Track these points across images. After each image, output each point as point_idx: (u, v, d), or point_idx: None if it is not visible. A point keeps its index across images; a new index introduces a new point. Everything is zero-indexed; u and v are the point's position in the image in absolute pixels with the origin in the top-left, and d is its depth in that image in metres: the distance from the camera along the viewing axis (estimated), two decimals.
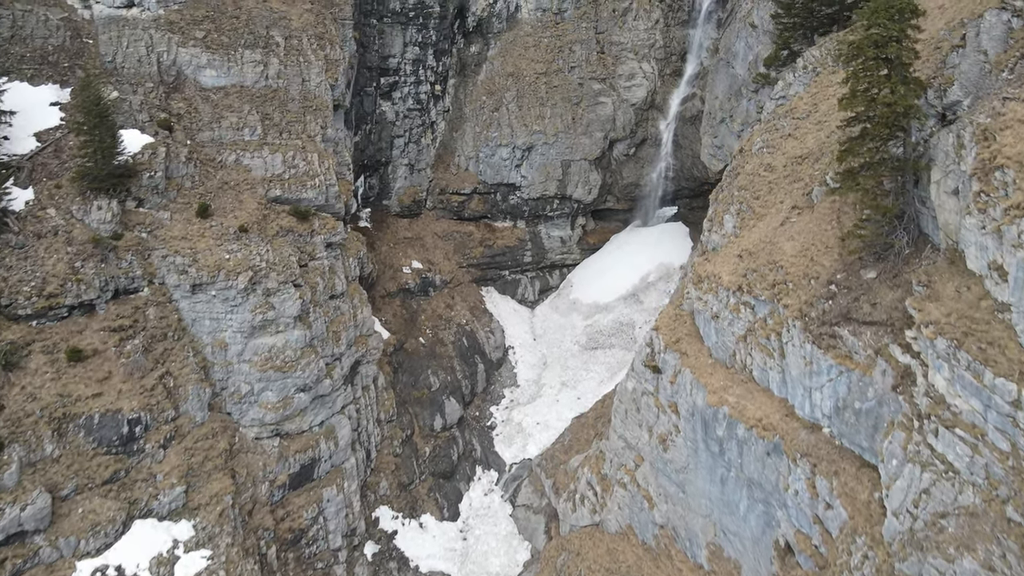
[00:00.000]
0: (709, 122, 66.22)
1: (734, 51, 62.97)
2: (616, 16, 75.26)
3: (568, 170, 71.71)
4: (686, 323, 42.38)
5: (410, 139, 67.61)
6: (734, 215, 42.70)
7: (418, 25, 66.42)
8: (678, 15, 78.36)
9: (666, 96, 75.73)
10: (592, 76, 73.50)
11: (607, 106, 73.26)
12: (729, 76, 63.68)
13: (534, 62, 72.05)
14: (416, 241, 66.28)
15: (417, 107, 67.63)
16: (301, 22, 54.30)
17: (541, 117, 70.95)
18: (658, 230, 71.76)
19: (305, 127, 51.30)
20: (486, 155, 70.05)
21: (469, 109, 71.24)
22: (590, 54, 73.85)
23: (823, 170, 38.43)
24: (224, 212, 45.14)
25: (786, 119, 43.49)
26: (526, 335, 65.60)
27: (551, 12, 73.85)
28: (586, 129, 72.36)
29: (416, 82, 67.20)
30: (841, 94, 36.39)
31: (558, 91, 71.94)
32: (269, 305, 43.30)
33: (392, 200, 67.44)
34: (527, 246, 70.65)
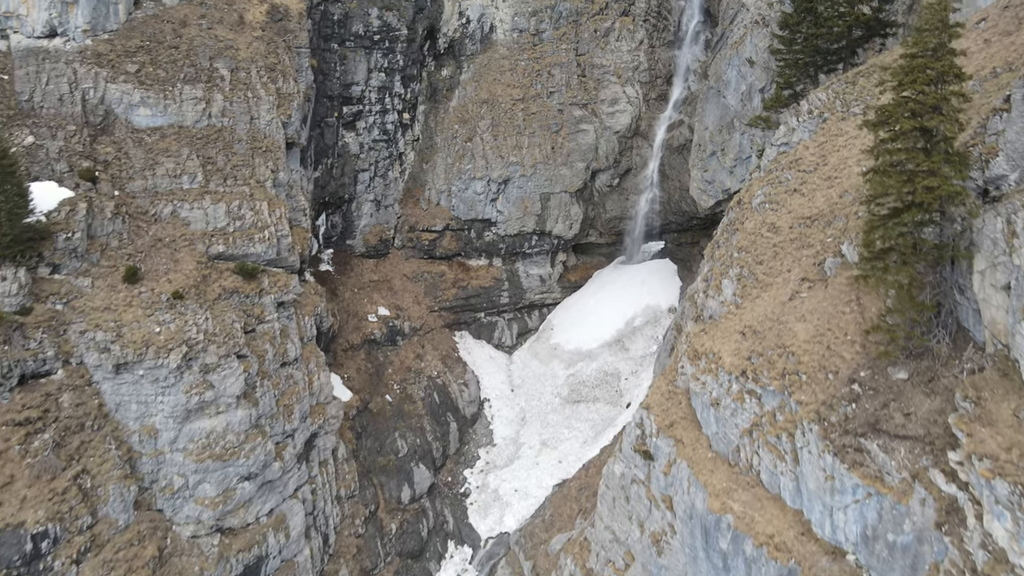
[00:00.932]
0: (698, 154, 61.68)
1: (725, 79, 58.46)
2: (598, 37, 70.52)
3: (547, 204, 66.81)
4: (681, 404, 37.56)
5: (376, 173, 62.35)
6: (734, 280, 37.94)
7: (384, 49, 61.17)
8: (663, 35, 73.80)
9: (651, 122, 71.11)
10: (573, 101, 68.68)
11: (589, 134, 68.46)
12: (720, 106, 59.17)
13: (510, 87, 67.07)
14: (383, 284, 61.00)
15: (383, 138, 62.38)
16: (250, 52, 48.86)
17: (518, 147, 66.00)
18: (644, 268, 67.08)
19: (254, 171, 45.87)
20: (459, 189, 64.96)
21: (440, 139, 66.08)
22: (570, 78, 69.03)
23: (836, 237, 33.77)
24: (156, 275, 39.62)
25: (790, 171, 38.86)
26: (503, 385, 60.62)
27: (528, 33, 68.93)
28: (567, 159, 67.51)
29: (382, 111, 61.96)
30: (866, 165, 31.79)
31: (536, 118, 67.03)
32: (207, 384, 37.88)
33: (357, 240, 62.11)
34: (504, 286, 65.67)
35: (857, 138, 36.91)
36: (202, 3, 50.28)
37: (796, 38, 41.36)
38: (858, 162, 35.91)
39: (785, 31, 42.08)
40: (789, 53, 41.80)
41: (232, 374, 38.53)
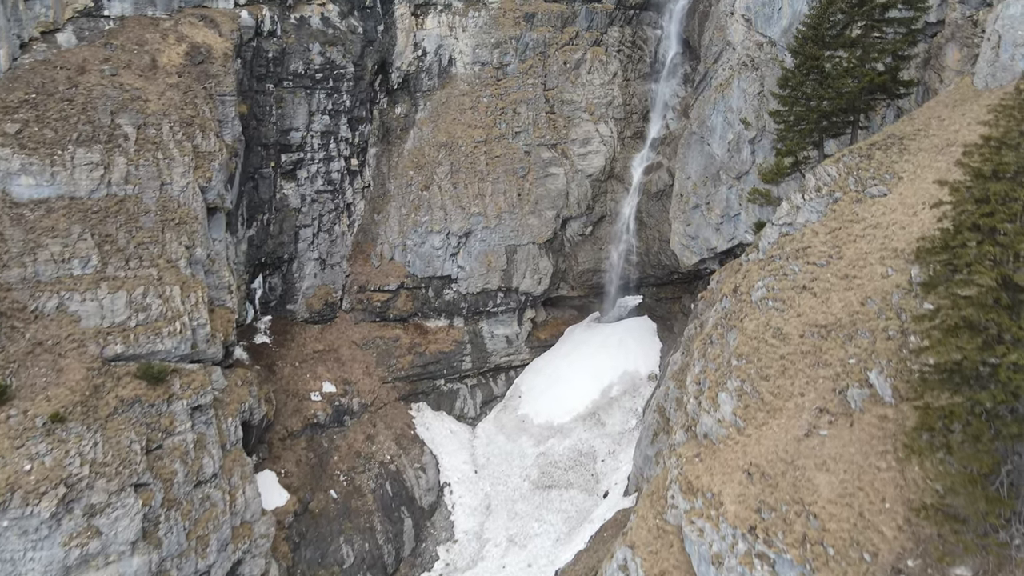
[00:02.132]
0: (680, 205, 55.76)
1: (710, 126, 52.59)
2: (568, 69, 64.28)
3: (514, 257, 60.36)
4: (673, 547, 31.31)
5: (320, 227, 55.29)
6: (733, 396, 31.70)
7: (327, 89, 54.16)
8: (638, 67, 67.86)
9: (627, 163, 65.10)
10: (541, 142, 62.36)
11: (559, 178, 62.18)
12: (704, 155, 53.29)
13: (471, 127, 60.47)
14: (329, 354, 54.00)
15: (328, 188, 55.37)
16: (162, 104, 41.61)
17: (481, 195, 59.44)
18: (621, 327, 61.01)
19: (164, 249, 38.68)
20: (415, 243, 58.18)
21: (394, 186, 59.25)
22: (538, 115, 62.69)
23: (861, 358, 27.78)
24: (32, 392, 32.30)
25: (798, 261, 32.84)
26: (465, 466, 54.01)
27: (491, 66, 62.42)
28: (534, 207, 61.14)
29: (326, 158, 54.93)
30: (899, 281, 26.07)
31: (501, 162, 60.55)
32: (92, 530, 30.70)
33: (299, 304, 54.99)
34: (466, 349, 59.06)
35: (879, 228, 31.06)
36: (107, 44, 42.90)
37: (798, 98, 35.46)
38: (881, 260, 30.10)
39: (785, 90, 36.18)
40: (791, 115, 35.89)
41: (126, 514, 31.39)
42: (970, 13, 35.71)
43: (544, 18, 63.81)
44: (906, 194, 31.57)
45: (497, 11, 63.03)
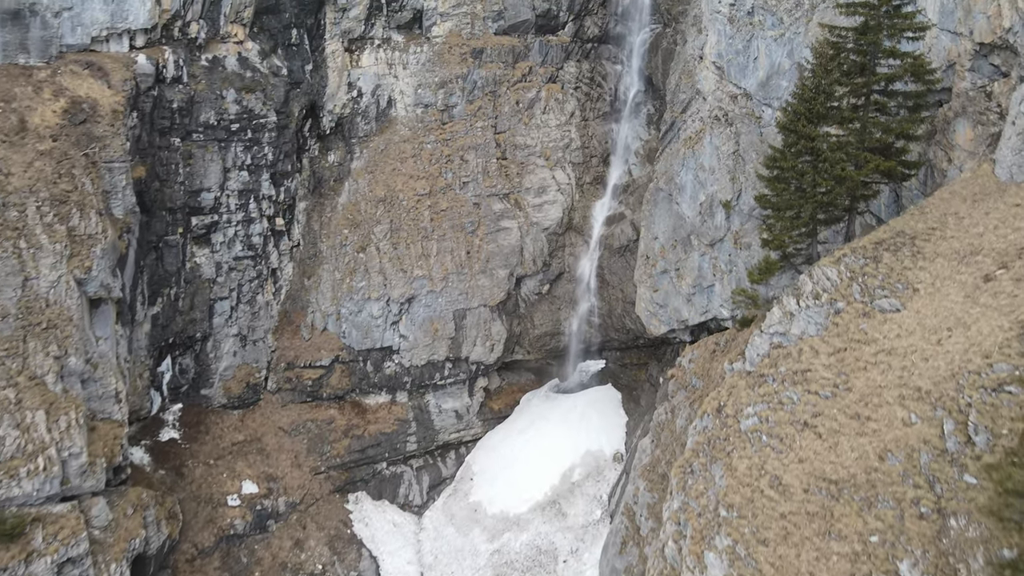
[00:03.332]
0: (646, 268, 50.31)
1: (679, 183, 47.22)
2: (520, 110, 58.37)
3: (463, 323, 54.18)
4: None
5: (240, 299, 48.30)
6: (724, 559, 26.00)
7: (245, 141, 47.24)
8: (597, 106, 62.34)
9: (586, 213, 59.50)
10: (492, 192, 56.31)
11: (512, 232, 56.22)
12: (673, 215, 47.91)
13: (413, 178, 54.11)
14: (251, 445, 47.06)
15: (249, 254, 48.41)
16: (28, 178, 34.32)
17: (425, 255, 53.11)
18: (582, 399, 55.33)
19: (25, 362, 31.49)
20: (351, 311, 51.54)
21: (327, 246, 52.49)
22: (488, 162, 56.63)
23: (887, 538, 22.40)
24: None
25: (796, 388, 27.43)
26: (411, 567, 47.65)
27: (435, 108, 56.12)
28: (485, 266, 55.05)
29: (246, 220, 47.97)
30: (926, 431, 20.78)
31: (447, 217, 54.30)
32: None
33: (215, 388, 47.86)
34: (410, 428, 52.67)
35: (895, 356, 25.80)
36: None
37: (789, 182, 30.09)
38: (901, 400, 24.83)
39: (773, 171, 30.78)
40: (780, 201, 30.51)
41: None
42: (982, 83, 30.87)
43: (494, 53, 57.80)
44: (925, 313, 26.36)
45: (442, 46, 56.79)
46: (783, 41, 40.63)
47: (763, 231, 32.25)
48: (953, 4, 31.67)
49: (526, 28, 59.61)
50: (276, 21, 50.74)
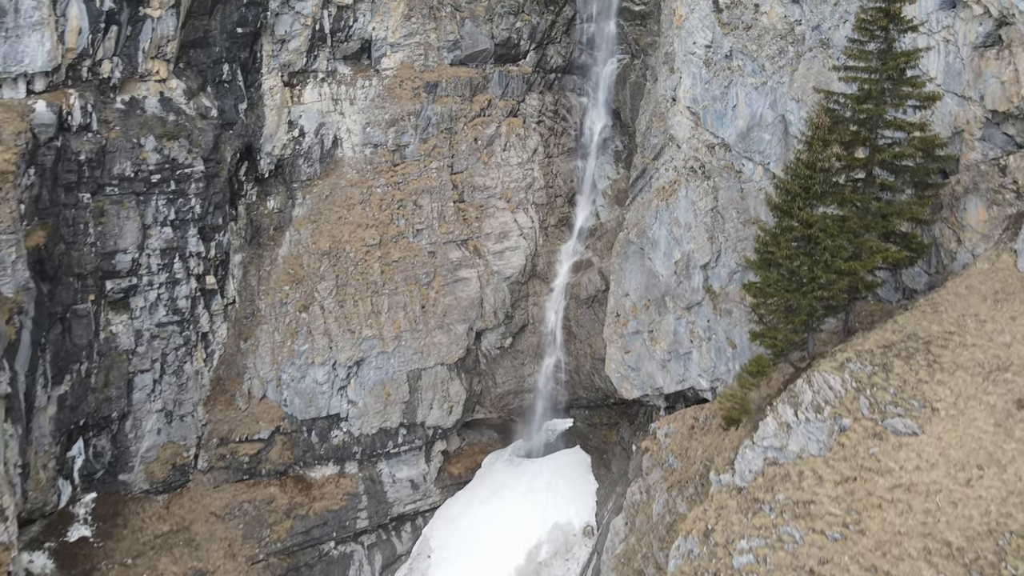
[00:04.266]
0: (616, 327, 46.32)
1: (651, 238, 43.30)
2: (479, 148, 53.98)
3: (418, 384, 49.56)
4: None
5: (164, 370, 42.99)
6: None
7: (168, 194, 42.02)
8: (562, 141, 58.25)
9: (551, 258, 55.32)
10: (449, 239, 51.79)
11: (471, 283, 51.77)
12: (645, 271, 43.97)
13: (362, 227, 49.31)
14: (178, 536, 41.79)
15: (174, 319, 43.15)
16: None
17: (375, 313, 48.36)
18: (549, 465, 51.10)
19: None
20: (293, 377, 46.56)
21: (266, 304, 47.42)
22: (444, 206, 52.10)
23: None
24: None
25: (798, 523, 23.48)
26: None
27: (386, 148, 51.39)
28: (442, 321, 50.52)
29: (170, 281, 42.72)
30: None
31: (399, 268, 49.64)
32: None
33: (136, 472, 42.45)
34: (361, 503, 47.84)
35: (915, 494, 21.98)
36: None
37: (781, 270, 26.16)
38: (926, 555, 21.04)
39: (763, 255, 26.85)
40: (773, 292, 26.58)
41: None
42: (995, 156, 27.38)
43: (450, 86, 53.31)
44: (948, 441, 22.59)
45: (392, 80, 52.11)
46: (765, 90, 36.95)
47: (753, 322, 28.33)
48: (960, 64, 28.19)
49: (484, 58, 55.29)
50: (205, 56, 45.55)
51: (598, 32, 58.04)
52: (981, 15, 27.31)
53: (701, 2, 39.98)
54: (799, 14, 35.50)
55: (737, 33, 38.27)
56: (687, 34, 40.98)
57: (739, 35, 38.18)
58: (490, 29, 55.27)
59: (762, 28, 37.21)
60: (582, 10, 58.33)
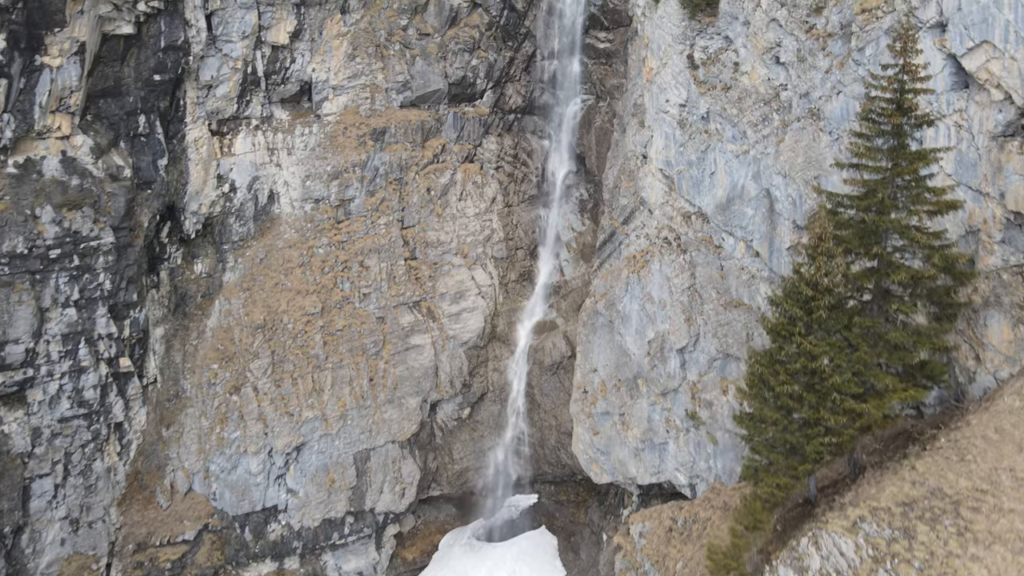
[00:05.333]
0: (584, 405, 42.19)
1: (621, 311, 39.24)
2: (432, 198, 49.39)
3: (366, 466, 44.76)
4: None
5: (69, 472, 37.48)
6: None
7: (71, 271, 36.61)
8: (523, 188, 54.01)
9: (512, 318, 50.95)
10: (400, 301, 47.08)
11: (424, 350, 47.13)
12: (615, 348, 39.89)
13: (301, 294, 44.34)
14: None
15: (81, 411, 37.72)
16: None
17: (316, 391, 43.43)
18: (513, 551, 46.64)
19: None
20: (222, 468, 41.37)
21: (191, 384, 42.13)
22: (394, 266, 47.38)
23: None
24: None
25: None
26: None
27: (328, 204, 46.48)
28: (393, 394, 45.79)
29: (75, 370, 37.28)
30: None
31: (344, 338, 44.77)
32: None
33: None
34: None
35: None
36: None
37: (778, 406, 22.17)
38: None
39: (754, 389, 22.83)
40: (767, 430, 22.60)
41: None
42: (1018, 263, 23.81)
43: (399, 132, 48.63)
44: None
45: (335, 127, 47.26)
46: (747, 159, 33.10)
47: (745, 459, 24.32)
48: (975, 155, 24.57)
49: (437, 99, 50.74)
50: (117, 106, 40.22)
51: (560, 70, 53.96)
52: (1001, 101, 23.72)
53: (674, 56, 36.04)
54: (784, 78, 31.73)
55: (715, 94, 34.39)
56: (659, 90, 37.00)
57: (717, 96, 34.30)
58: (443, 68, 50.73)
59: (743, 90, 33.37)
60: (543, 46, 54.18)
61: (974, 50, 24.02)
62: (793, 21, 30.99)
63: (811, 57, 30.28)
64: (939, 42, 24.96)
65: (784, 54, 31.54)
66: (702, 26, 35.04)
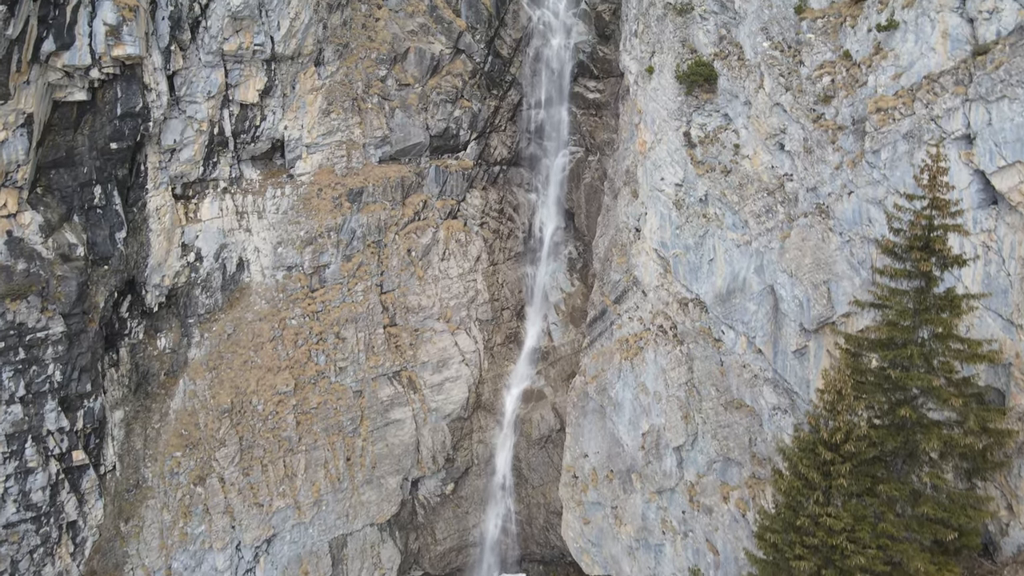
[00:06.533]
0: (573, 489, 39.76)
1: (614, 398, 36.78)
2: (413, 260, 46.72)
3: (343, 553, 42.05)
4: None
5: None
6: None
7: (15, 364, 33.67)
8: (508, 244, 51.49)
9: (498, 385, 48.41)
10: (379, 373, 44.38)
11: (405, 425, 44.49)
12: (607, 436, 37.41)
13: (272, 371, 41.52)
14: None
15: (28, 515, 34.74)
16: None
17: (289, 476, 40.66)
18: None
19: None
20: (186, 565, 38.50)
21: (153, 472, 39.22)
22: (372, 335, 44.66)
23: None
24: None
25: None
26: None
27: (302, 272, 43.66)
28: (371, 474, 43.11)
29: (21, 471, 34.34)
30: None
31: (318, 417, 42.00)
32: None
33: None
34: None
35: None
36: None
37: None
38: None
39: (772, 550, 20.40)
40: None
41: None
42: None
43: (377, 191, 45.92)
44: None
45: (309, 188, 44.47)
46: (749, 251, 30.69)
47: None
48: (1007, 280, 22.23)
49: (418, 152, 48.07)
50: (70, 177, 37.18)
51: (548, 120, 51.55)
52: None
53: (670, 132, 33.58)
54: (789, 167, 29.34)
55: (714, 176, 31.97)
56: (654, 166, 34.52)
57: (716, 179, 31.88)
58: (425, 119, 48.07)
59: (744, 175, 30.96)
60: (529, 95, 51.73)
61: (1006, 169, 21.70)
62: (799, 108, 28.62)
63: (819, 149, 27.92)
64: (965, 155, 22.62)
65: (789, 142, 29.17)
66: (699, 102, 32.62)
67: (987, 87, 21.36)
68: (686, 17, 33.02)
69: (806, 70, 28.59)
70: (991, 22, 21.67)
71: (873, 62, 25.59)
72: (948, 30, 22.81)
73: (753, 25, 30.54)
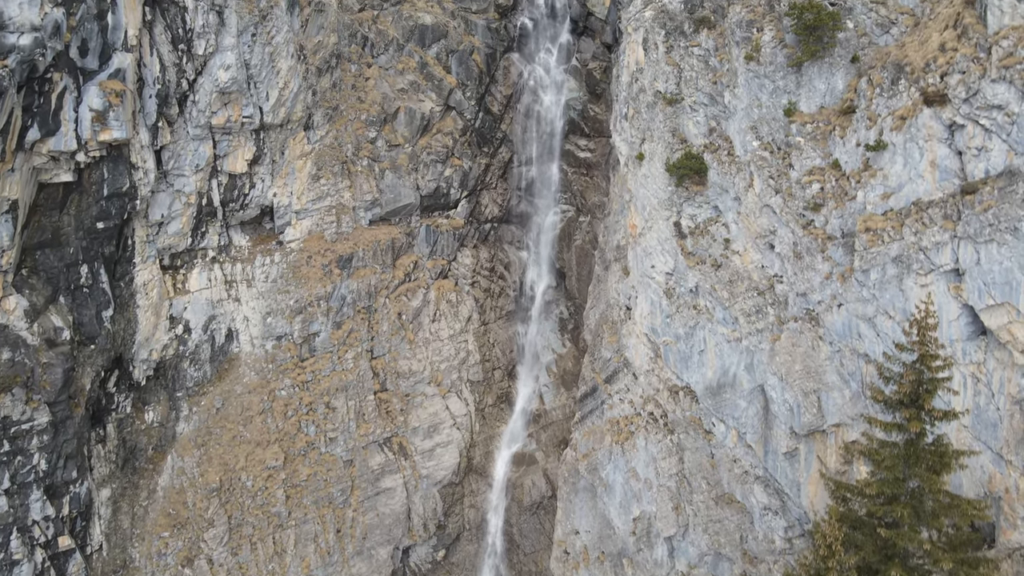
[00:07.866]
0: (564, 565, 39.66)
1: (605, 479, 36.73)
2: (404, 324, 46.51)
3: None
4: None
5: None
6: None
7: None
8: (499, 303, 51.32)
9: (489, 447, 48.28)
10: (369, 441, 44.15)
11: (396, 493, 44.28)
12: (599, 518, 37.33)
13: (262, 446, 41.23)
14: None
15: None
16: None
17: (279, 553, 40.39)
18: None
19: None
20: None
21: (140, 552, 38.86)
22: (363, 402, 44.44)
23: None
24: None
25: None
26: None
27: (291, 341, 43.41)
28: (361, 546, 42.87)
29: (7, 564, 33.92)
30: None
31: (309, 489, 41.76)
32: None
33: None
34: None
35: None
36: None
37: None
38: None
39: None
40: None
41: None
42: None
43: (367, 255, 45.70)
44: None
45: (299, 256, 44.21)
46: (740, 348, 30.62)
47: None
48: (996, 415, 22.22)
49: (409, 212, 47.91)
50: (56, 258, 36.78)
51: (539, 177, 51.45)
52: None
53: (660, 221, 33.48)
54: (779, 268, 29.28)
55: (704, 270, 31.89)
56: (644, 253, 34.43)
57: (707, 272, 31.80)
58: (415, 180, 47.90)
59: (735, 272, 30.88)
60: (520, 151, 51.64)
61: (995, 308, 21.69)
62: (789, 212, 28.57)
63: (809, 256, 27.88)
64: (954, 289, 22.61)
65: (779, 244, 29.12)
66: (690, 193, 32.52)
67: (976, 228, 21.35)
68: (676, 107, 32.93)
69: (796, 174, 28.55)
70: (980, 159, 21.65)
71: (863, 178, 25.55)
72: (937, 160, 22.79)
73: (743, 122, 30.47)
